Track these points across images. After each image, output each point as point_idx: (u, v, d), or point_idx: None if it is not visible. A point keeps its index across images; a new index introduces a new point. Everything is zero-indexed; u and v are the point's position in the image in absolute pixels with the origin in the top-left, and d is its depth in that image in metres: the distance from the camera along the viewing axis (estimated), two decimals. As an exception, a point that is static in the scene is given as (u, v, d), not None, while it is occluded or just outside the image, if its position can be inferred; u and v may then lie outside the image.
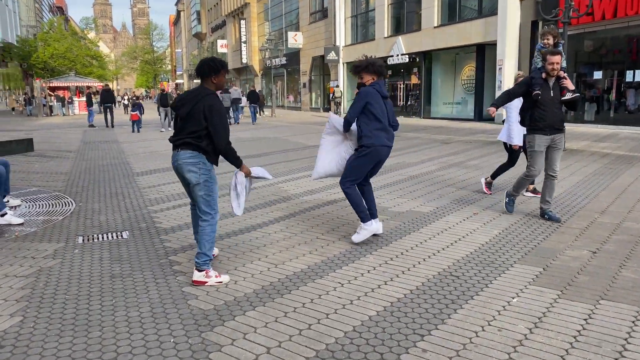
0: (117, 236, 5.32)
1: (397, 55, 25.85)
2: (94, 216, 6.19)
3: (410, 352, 2.92)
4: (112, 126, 21.75)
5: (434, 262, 4.38)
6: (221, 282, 3.96)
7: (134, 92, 37.20)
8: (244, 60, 47.08)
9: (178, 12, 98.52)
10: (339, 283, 3.94)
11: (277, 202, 6.83)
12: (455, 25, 22.16)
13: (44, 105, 32.46)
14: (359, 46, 29.27)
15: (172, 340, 3.07)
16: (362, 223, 4.89)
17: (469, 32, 21.21)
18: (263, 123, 23.91)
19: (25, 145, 11.97)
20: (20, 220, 5.85)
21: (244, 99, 25.39)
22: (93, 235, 5.36)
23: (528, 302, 3.54)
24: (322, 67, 33.40)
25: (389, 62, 26.34)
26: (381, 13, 27.01)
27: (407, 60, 25.28)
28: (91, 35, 64.41)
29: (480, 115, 21.51)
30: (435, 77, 24.72)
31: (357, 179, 4.84)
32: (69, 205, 6.76)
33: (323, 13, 33.12)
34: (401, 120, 24.00)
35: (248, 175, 4.20)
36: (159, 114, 20.55)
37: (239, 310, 3.49)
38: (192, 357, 2.88)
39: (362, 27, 29.97)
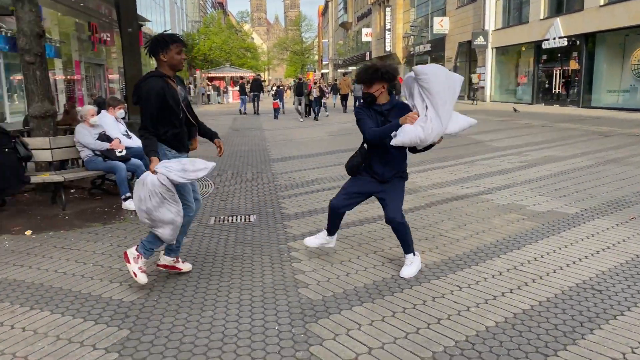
0: (245, 219, 5.54)
1: (554, 38, 23.59)
2: (227, 199, 6.53)
3: (529, 374, 2.56)
4: (258, 113, 23.67)
5: (573, 272, 3.85)
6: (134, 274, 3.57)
7: (281, 81, 39.04)
8: (387, 48, 46.75)
9: (326, 3, 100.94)
10: (457, 287, 3.64)
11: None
12: (626, 4, 19.54)
13: (203, 94, 35.52)
14: (510, 30, 27.31)
15: (276, 328, 3.06)
16: (411, 255, 3.96)
17: (643, 10, 18.55)
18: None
19: (180, 130, 13.14)
20: (164, 199, 6.36)
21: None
22: (224, 217, 5.64)
23: (690, 332, 2.92)
24: (469, 53, 31.84)
25: (543, 47, 24.19)
26: (537, -7, 24.82)
27: (566, 44, 22.95)
28: (246, 27, 68.85)
29: (652, 105, 18.78)
30: (598, 62, 22.11)
31: None
32: (208, 188, 7.23)
33: (472, -4, 31.48)
34: (555, 109, 21.97)
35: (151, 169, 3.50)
36: (293, 104, 21.60)
37: (347, 304, 3.38)
38: (293, 348, 2.83)
39: (515, 10, 27.87)
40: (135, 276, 3.56)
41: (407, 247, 3.92)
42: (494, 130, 13.91)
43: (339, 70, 74.82)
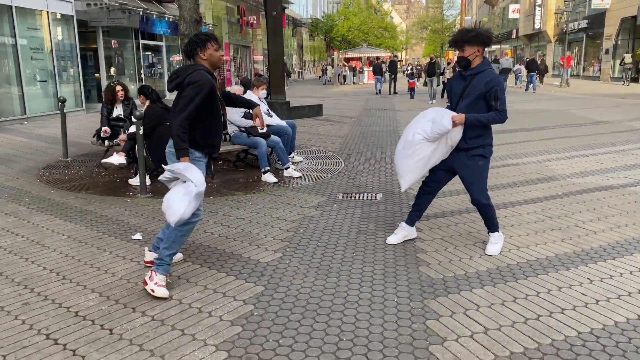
0: (371, 197, 5.74)
1: None
2: (356, 177, 6.78)
3: (659, 374, 2.43)
4: (395, 92, 23.80)
5: None
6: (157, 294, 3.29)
7: (418, 61, 38.37)
8: (537, 26, 43.42)
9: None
10: (588, 279, 3.48)
11: (538, 181, 6.29)
12: None
13: (339, 74, 36.25)
14: (687, 2, 23.83)
15: (395, 300, 3.23)
16: (497, 233, 4.03)
17: None
18: (547, 94, 21.88)
19: (316, 110, 13.72)
20: (298, 174, 6.81)
21: (522, 68, 24.24)
22: (352, 194, 5.89)
23: None
24: (634, 29, 28.42)
25: None
26: None
27: None
28: (385, 7, 68.32)
29: None
30: None
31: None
32: (339, 165, 7.54)
33: (641, -35, 27.91)
34: None
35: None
36: (425, 84, 21.12)
37: (467, 285, 3.42)
38: (410, 320, 2.98)
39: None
40: (153, 292, 3.31)
41: (493, 226, 4.02)
42: (655, 117, 12.44)
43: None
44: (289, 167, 6.86)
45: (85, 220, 4.96)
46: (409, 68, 29.01)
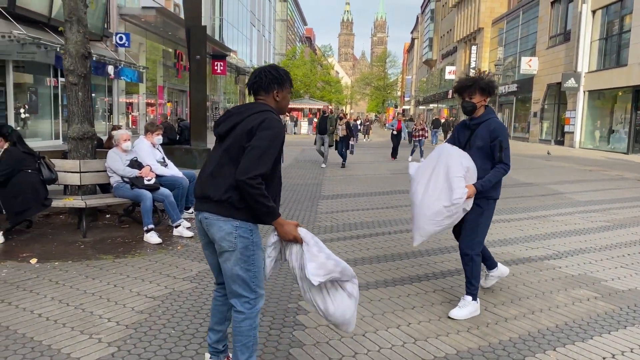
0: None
1: (656, 83, 21.46)
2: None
3: None
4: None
5: (655, 387, 2.85)
6: None
7: (367, 116, 39.23)
8: (472, 87, 45.39)
9: (412, 40, 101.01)
10: None
11: (448, 250, 5.72)
12: None
13: (279, 123, 36.01)
14: (606, 73, 25.28)
15: None
16: (470, 297, 3.81)
17: None
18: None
19: (239, 159, 12.93)
20: (190, 234, 5.94)
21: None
22: (243, 261, 5.06)
23: None
24: (558, 95, 29.90)
25: (644, 92, 22.06)
26: (639, 35, 22.86)
27: (670, 89, 20.77)
28: (330, 61, 70.01)
29: None
30: None
31: (483, 241, 3.91)
32: (242, 223, 6.71)
33: (565, 36, 29.67)
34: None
35: (291, 239, 2.56)
36: (314, 143, 15.51)
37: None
38: None
39: (611, 52, 25.86)
40: None
41: (470, 287, 3.76)
42: (577, 181, 12.48)
43: (420, 107, 73.76)
44: (179, 225, 5.99)
45: None
46: (358, 122, 29.24)
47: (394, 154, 17.63)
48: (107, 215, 6.85)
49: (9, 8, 13.56)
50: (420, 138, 17.08)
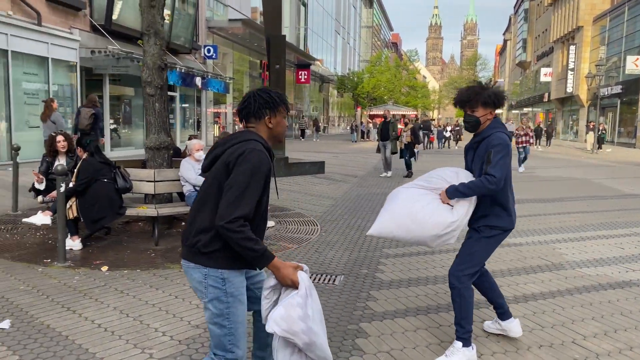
0: (329, 280, 4.71)
1: None
2: (325, 250, 5.77)
3: None
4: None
5: None
6: None
7: (457, 121, 38.41)
8: (569, 90, 42.40)
9: (505, 42, 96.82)
10: None
11: (539, 269, 5.15)
12: None
13: (362, 131, 35.82)
14: None
15: None
16: (460, 344, 3.10)
17: None
18: (575, 160, 20.56)
19: (317, 167, 12.85)
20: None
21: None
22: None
23: None
24: (670, 96, 27.11)
25: None
26: None
27: None
28: (417, 65, 68.73)
29: None
30: None
31: (478, 273, 3.19)
32: (313, 234, 6.55)
33: (678, 31, 26.92)
34: None
35: (289, 284, 2.24)
36: (377, 151, 14.38)
37: None
38: None
39: None
40: None
41: (460, 329, 3.07)
42: (693, 192, 11.08)
43: (513, 111, 70.33)
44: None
45: (-37, 296, 4.08)
46: (448, 129, 28.22)
47: None
48: (183, 223, 6.96)
49: (106, 25, 14.51)
50: (525, 145, 15.54)
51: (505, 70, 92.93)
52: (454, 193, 3.03)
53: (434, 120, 54.86)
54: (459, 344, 3.08)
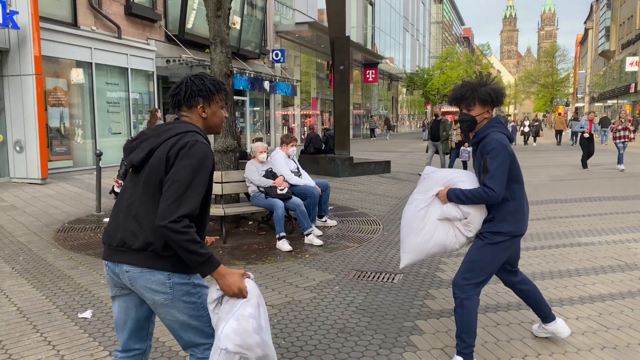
0: (388, 278, 4.76)
1: None
2: (386, 249, 5.82)
3: None
4: None
5: None
6: None
7: (535, 116, 37.09)
8: (659, 78, 39.43)
9: (586, 31, 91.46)
10: None
11: (610, 269, 4.92)
12: None
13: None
14: None
15: None
16: (460, 359, 2.92)
17: None
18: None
19: (382, 167, 12.84)
20: (320, 243, 6.00)
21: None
22: (368, 272, 4.96)
23: None
24: None
25: None
26: None
27: None
28: (491, 59, 66.57)
29: None
30: None
31: (484, 282, 2.98)
32: (375, 233, 6.61)
33: None
34: None
35: (236, 292, 2.03)
36: (426, 151, 13.43)
37: None
38: None
39: None
40: None
41: (461, 343, 2.92)
42: None
43: (596, 104, 66.34)
44: (310, 234, 6.10)
45: (53, 289, 4.51)
46: (527, 124, 27.03)
47: (585, 163, 14.16)
48: (250, 222, 7.26)
49: (180, 35, 15.29)
50: (625, 140, 13.62)
51: (587, 60, 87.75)
52: (453, 198, 2.93)
53: (509, 115, 52.71)
54: (459, 359, 2.91)
